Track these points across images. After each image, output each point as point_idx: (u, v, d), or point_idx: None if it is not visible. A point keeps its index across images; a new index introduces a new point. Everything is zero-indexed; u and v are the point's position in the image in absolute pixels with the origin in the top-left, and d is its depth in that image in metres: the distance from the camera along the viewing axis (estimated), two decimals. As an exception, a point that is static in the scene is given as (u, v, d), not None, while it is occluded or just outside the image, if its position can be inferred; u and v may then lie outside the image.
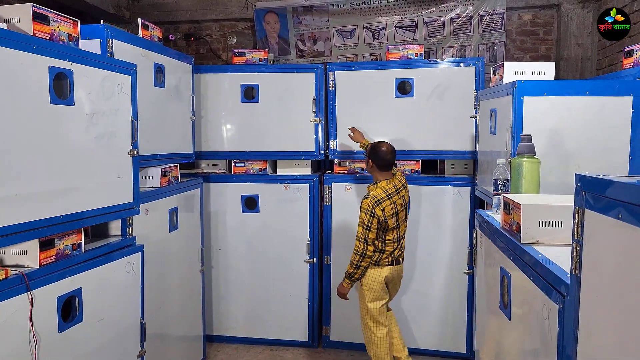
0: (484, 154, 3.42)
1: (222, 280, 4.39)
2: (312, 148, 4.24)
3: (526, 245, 1.72)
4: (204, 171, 4.43)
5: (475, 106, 3.89)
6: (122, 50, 2.96)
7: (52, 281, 2.19)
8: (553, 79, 2.99)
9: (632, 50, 2.90)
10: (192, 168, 4.46)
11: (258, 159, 4.30)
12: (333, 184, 4.19)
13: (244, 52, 4.24)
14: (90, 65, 2.43)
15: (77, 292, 2.35)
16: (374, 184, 3.37)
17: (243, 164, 4.33)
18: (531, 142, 2.26)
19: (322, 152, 4.26)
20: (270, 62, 4.32)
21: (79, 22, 2.43)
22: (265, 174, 4.32)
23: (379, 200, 3.23)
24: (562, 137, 2.64)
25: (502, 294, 1.95)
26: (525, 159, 2.22)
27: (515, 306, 1.77)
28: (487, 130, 3.27)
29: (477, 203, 3.91)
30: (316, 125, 4.19)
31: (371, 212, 3.20)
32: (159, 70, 3.42)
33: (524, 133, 2.49)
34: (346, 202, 4.16)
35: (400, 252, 3.42)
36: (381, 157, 3.31)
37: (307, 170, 4.34)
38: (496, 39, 4.98)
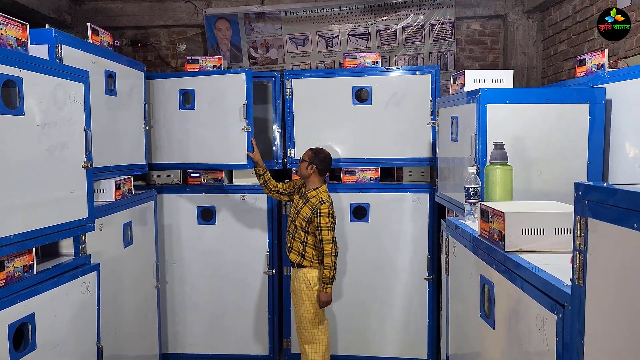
0: (444, 160, 3.45)
1: (178, 296, 4.21)
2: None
3: (510, 254, 1.72)
4: (157, 182, 4.25)
5: (432, 113, 3.94)
6: (72, 56, 2.78)
7: (2, 307, 2.02)
8: (512, 86, 3.05)
9: (585, 59, 3.01)
10: (143, 179, 4.27)
11: (214, 169, 4.17)
12: (292, 193, 4.11)
13: (197, 59, 4.10)
14: (42, 72, 2.26)
15: (30, 318, 2.17)
16: (316, 189, 3.49)
17: (198, 175, 4.18)
18: (504, 149, 2.28)
19: (280, 161, 4.18)
20: (224, 69, 4.20)
21: (27, 26, 2.25)
22: (221, 185, 4.19)
23: (331, 202, 3.47)
24: (524, 143, 2.69)
25: (483, 302, 1.94)
26: (498, 166, 2.24)
27: (501, 315, 1.76)
28: (447, 138, 3.30)
29: (437, 210, 3.95)
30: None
31: (331, 214, 3.43)
32: (110, 77, 3.25)
33: (493, 140, 2.52)
34: (305, 211, 4.09)
35: None
36: (324, 162, 3.53)
37: (265, 180, 4.23)
38: (446, 47, 5.08)
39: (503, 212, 1.74)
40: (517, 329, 1.62)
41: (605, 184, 1.11)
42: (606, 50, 2.88)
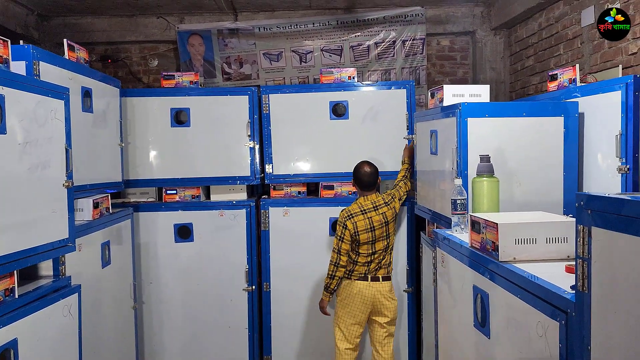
0: (424, 173, 3.51)
1: (155, 316, 4.12)
2: (247, 172, 4.13)
3: (505, 263, 1.76)
4: (132, 200, 4.17)
5: (408, 127, 4.01)
6: (49, 73, 2.72)
7: (-15, 334, 1.93)
8: (488, 100, 3.14)
9: (556, 74, 3.13)
10: (118, 197, 4.18)
11: (191, 186, 4.12)
12: (270, 208, 4.10)
13: (173, 75, 4.07)
14: (23, 89, 2.21)
15: (13, 344, 2.09)
16: (355, 201, 3.55)
17: (175, 192, 4.12)
18: (490, 161, 2.34)
19: (258, 176, 4.17)
20: (201, 85, 4.19)
21: (9, 42, 2.20)
22: (199, 201, 4.14)
23: (351, 214, 3.44)
24: (503, 156, 2.77)
25: (476, 312, 1.97)
26: (485, 178, 2.29)
27: (496, 324, 1.80)
28: (427, 151, 3.36)
29: (415, 222, 4.00)
30: (251, 149, 4.10)
31: (343, 224, 3.41)
32: (86, 94, 3.19)
33: (473, 153, 2.59)
34: (284, 226, 4.09)
35: (377, 268, 3.48)
36: (359, 179, 3.56)
37: (243, 196, 4.22)
38: (418, 63, 5.19)
39: (497, 223, 1.79)
40: (515, 337, 1.66)
41: (607, 194, 1.16)
42: (577, 65, 3.01)
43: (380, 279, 3.49)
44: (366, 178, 3.53)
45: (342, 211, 3.48)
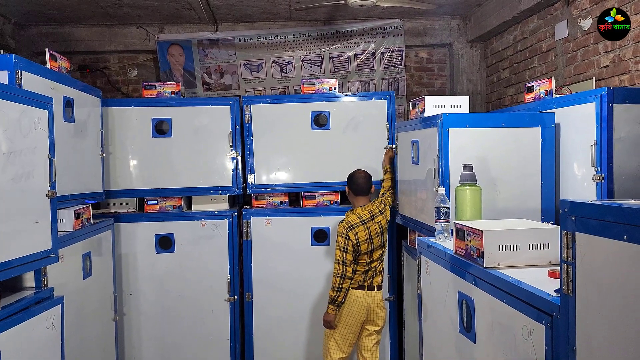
0: (405, 182, 3.56)
1: (135, 327, 4.07)
2: (229, 183, 4.13)
3: (490, 269, 1.81)
4: (112, 211, 4.13)
5: (389, 137, 4.07)
6: (31, 82, 2.70)
7: (-32, 347, 1.90)
8: (468, 111, 3.22)
9: (533, 86, 3.22)
10: (98, 208, 4.13)
11: (172, 196, 4.10)
12: (252, 218, 4.10)
13: (155, 85, 4.07)
14: (7, 99, 2.19)
15: (-4, 357, 2.05)
16: (351, 211, 3.53)
17: (156, 202, 4.10)
18: (472, 171, 2.41)
19: (240, 186, 4.17)
20: (182, 95, 4.19)
21: (-6, 51, 2.18)
22: (180, 212, 4.13)
23: (352, 225, 3.41)
24: (483, 165, 2.84)
25: (461, 317, 2.02)
26: (468, 187, 2.35)
27: (482, 329, 1.85)
28: (408, 161, 3.42)
29: (396, 230, 4.05)
30: (233, 159, 4.11)
31: (345, 235, 3.38)
32: (68, 104, 3.17)
33: (454, 162, 2.65)
34: (267, 236, 4.10)
35: (372, 276, 3.50)
36: (354, 182, 3.55)
37: (225, 206, 4.21)
38: (397, 74, 5.28)
39: (481, 230, 1.84)
40: (501, 341, 1.71)
41: (590, 201, 1.22)
42: (553, 78, 3.11)
43: (375, 288, 3.51)
44: (361, 181, 3.54)
45: (340, 223, 3.45)
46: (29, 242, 2.35)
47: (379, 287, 3.55)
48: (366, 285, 3.48)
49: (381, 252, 3.56)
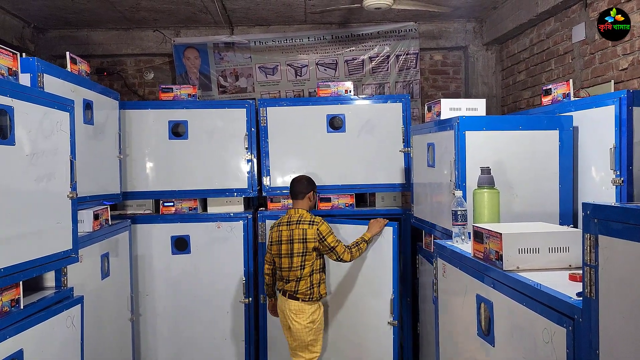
0: (421, 185, 3.56)
1: (151, 328, 4.11)
2: (245, 185, 4.16)
3: (509, 272, 1.81)
4: (129, 212, 4.17)
5: (404, 140, 4.07)
6: (53, 85, 2.74)
7: (-8, 344, 1.93)
8: (484, 114, 3.21)
9: (550, 88, 3.21)
10: (114, 209, 4.18)
11: (188, 198, 4.14)
12: (267, 220, 4.12)
13: (172, 88, 4.11)
14: (31, 101, 2.23)
15: (19, 355, 2.09)
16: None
17: (172, 204, 4.13)
18: (490, 173, 2.40)
19: (256, 188, 4.19)
20: (198, 98, 4.22)
21: (19, 55, 2.23)
22: (196, 213, 4.16)
23: (273, 224, 3.59)
24: (500, 168, 2.83)
25: (479, 321, 2.01)
26: (486, 189, 2.35)
27: (501, 332, 1.84)
28: (424, 164, 3.42)
29: (410, 233, 4.04)
30: (249, 162, 4.13)
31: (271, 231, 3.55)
32: (88, 106, 3.21)
33: (471, 165, 2.65)
34: (282, 238, 4.11)
35: (282, 284, 3.50)
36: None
37: (240, 208, 4.24)
38: (411, 77, 5.28)
39: (501, 233, 1.84)
40: (520, 344, 1.70)
41: (613, 204, 1.22)
42: (570, 80, 3.09)
43: (287, 296, 3.47)
44: (292, 184, 3.61)
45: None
46: (50, 242, 2.39)
47: (289, 296, 3.46)
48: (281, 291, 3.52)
49: (285, 264, 3.43)
